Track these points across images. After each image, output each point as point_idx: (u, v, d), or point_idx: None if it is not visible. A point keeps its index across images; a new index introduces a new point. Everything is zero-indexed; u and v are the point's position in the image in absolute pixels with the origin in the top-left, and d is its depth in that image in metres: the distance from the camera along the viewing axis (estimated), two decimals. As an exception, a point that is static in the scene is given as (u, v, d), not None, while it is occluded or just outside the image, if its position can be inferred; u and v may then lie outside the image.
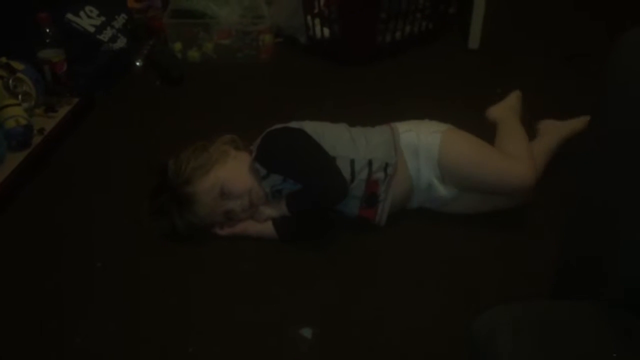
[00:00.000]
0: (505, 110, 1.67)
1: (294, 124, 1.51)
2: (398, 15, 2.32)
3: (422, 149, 1.47)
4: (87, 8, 2.19)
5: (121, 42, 2.22)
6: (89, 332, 1.24)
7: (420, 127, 1.51)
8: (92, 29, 2.15)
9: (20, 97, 1.80)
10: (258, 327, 1.26)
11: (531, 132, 1.67)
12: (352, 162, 1.44)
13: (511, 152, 1.49)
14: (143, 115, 2.01)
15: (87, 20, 2.16)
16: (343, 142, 1.47)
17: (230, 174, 1.43)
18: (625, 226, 0.81)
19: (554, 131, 1.67)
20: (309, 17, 2.38)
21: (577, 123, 1.67)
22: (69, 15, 2.12)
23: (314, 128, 1.49)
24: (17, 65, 1.84)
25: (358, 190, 1.45)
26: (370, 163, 1.44)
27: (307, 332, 1.23)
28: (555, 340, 0.78)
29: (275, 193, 1.46)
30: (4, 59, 1.82)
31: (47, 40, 1.90)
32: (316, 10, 2.34)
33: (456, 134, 1.51)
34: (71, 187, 1.68)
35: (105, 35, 2.17)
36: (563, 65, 2.28)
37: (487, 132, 1.60)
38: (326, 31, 2.34)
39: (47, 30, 1.89)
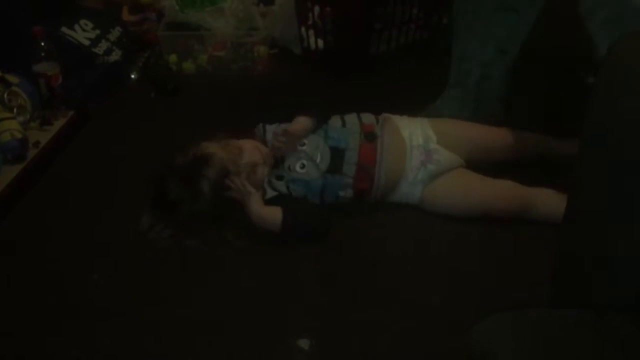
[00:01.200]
0: None
1: None
2: (392, 25, 2.33)
3: (413, 121, 1.65)
4: (82, 21, 2.20)
5: (116, 55, 2.23)
6: (86, 345, 1.24)
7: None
8: (87, 42, 2.15)
9: (15, 110, 1.80)
10: (255, 339, 1.25)
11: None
12: (342, 116, 1.62)
13: None
14: (138, 127, 2.01)
15: (82, 33, 2.17)
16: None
17: (237, 142, 1.58)
18: (623, 231, 0.81)
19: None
20: (303, 29, 2.39)
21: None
22: (64, 29, 2.13)
23: None
24: (12, 78, 1.84)
25: (354, 128, 1.57)
26: (359, 115, 1.62)
27: (304, 343, 1.23)
28: (552, 349, 0.78)
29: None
30: (-1, 73, 1.83)
31: (42, 54, 1.90)
32: (310, 22, 2.35)
33: None
34: (67, 199, 1.68)
35: (100, 48, 2.18)
36: (562, 73, 2.27)
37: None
38: (320, 42, 2.36)
39: (42, 44, 1.89)
